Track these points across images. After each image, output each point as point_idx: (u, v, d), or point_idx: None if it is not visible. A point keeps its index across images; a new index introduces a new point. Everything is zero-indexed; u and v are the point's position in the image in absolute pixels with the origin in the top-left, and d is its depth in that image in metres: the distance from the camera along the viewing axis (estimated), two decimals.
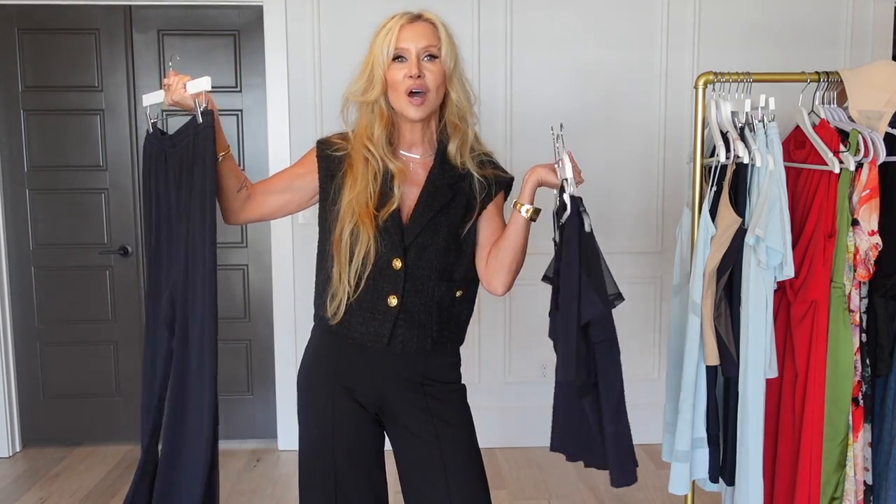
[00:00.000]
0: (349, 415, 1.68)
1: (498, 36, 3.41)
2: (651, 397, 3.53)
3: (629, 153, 3.51)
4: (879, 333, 2.00)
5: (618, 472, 1.60)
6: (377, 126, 1.63)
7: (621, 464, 1.60)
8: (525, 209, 1.60)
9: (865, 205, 1.92)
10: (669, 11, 3.43)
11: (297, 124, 3.40)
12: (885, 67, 2.04)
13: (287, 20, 3.36)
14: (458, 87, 1.64)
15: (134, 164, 3.52)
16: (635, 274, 3.55)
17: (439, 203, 1.64)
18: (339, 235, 1.61)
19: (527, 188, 1.61)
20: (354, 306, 1.63)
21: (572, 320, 1.57)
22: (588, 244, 1.57)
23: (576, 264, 1.56)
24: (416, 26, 1.59)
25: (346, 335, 1.66)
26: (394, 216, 1.61)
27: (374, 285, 1.62)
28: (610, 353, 1.60)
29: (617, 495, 3.09)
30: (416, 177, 1.67)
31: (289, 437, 3.57)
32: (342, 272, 1.61)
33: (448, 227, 1.64)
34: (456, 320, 1.71)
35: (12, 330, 3.55)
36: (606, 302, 1.59)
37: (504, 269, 1.64)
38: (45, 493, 3.13)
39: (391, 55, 1.58)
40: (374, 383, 1.67)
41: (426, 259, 1.63)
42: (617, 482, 1.60)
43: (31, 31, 3.42)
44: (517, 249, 1.63)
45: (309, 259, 3.44)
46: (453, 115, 1.65)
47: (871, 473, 2.06)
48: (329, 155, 1.68)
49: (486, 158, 1.73)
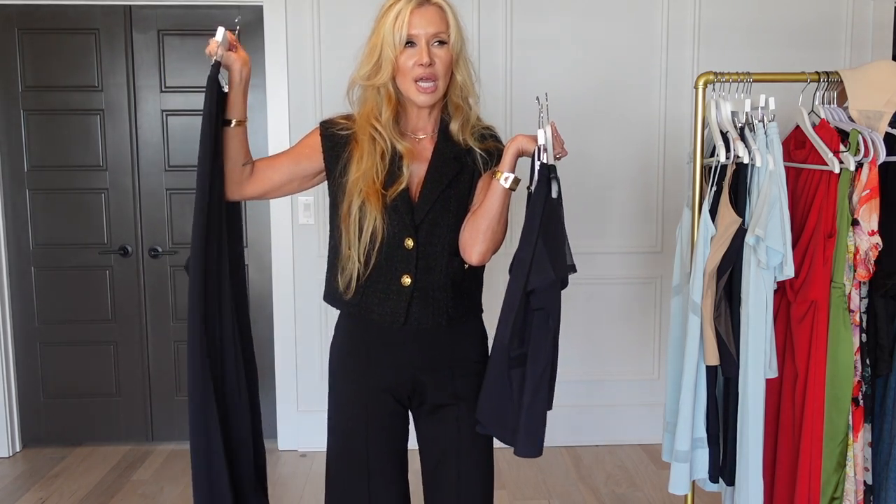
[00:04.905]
0: (383, 408, 1.70)
1: (498, 36, 3.41)
2: (651, 397, 3.53)
3: (629, 153, 3.51)
4: (879, 333, 2.00)
5: (523, 441, 1.59)
6: (385, 108, 1.63)
7: (528, 434, 1.59)
8: (504, 177, 1.59)
9: (865, 205, 1.92)
10: (669, 11, 3.43)
11: (297, 124, 3.40)
12: (885, 67, 2.04)
13: (287, 20, 3.36)
14: (463, 70, 1.64)
15: (134, 164, 3.52)
16: (635, 274, 3.55)
17: (447, 177, 1.64)
18: (348, 210, 1.62)
19: (507, 157, 1.60)
20: (370, 287, 1.64)
21: (519, 285, 1.57)
22: (552, 212, 1.57)
23: (535, 231, 1.56)
24: (426, 11, 1.58)
25: (365, 316, 1.67)
26: (403, 195, 1.61)
27: (387, 265, 1.63)
28: (546, 324, 1.59)
29: (617, 495, 3.09)
30: (424, 153, 1.67)
31: (289, 437, 3.57)
32: (351, 247, 1.62)
33: (457, 202, 1.65)
34: (468, 292, 1.72)
35: (12, 330, 3.55)
36: (558, 270, 1.56)
37: (479, 235, 1.61)
38: (45, 493, 3.13)
39: (403, 41, 1.57)
40: (405, 369, 1.69)
41: (438, 236, 1.63)
42: (521, 451, 1.60)
43: (31, 31, 3.42)
44: (493, 218, 1.60)
45: (309, 259, 3.47)
46: (457, 97, 1.66)
47: (871, 473, 2.06)
48: (334, 134, 1.68)
49: (487, 132, 1.73)
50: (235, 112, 1.64)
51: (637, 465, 3.38)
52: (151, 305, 3.60)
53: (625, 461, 3.42)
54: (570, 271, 1.60)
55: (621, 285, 3.53)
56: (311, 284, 3.48)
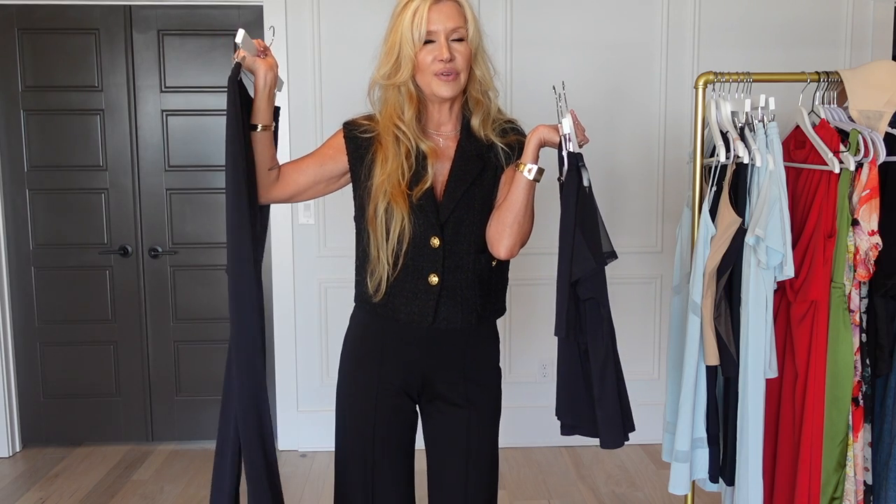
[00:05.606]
0: (391, 403, 1.70)
1: (498, 36, 3.40)
2: (651, 397, 3.53)
3: (629, 153, 3.51)
4: (879, 333, 2.00)
5: (605, 434, 1.61)
6: (407, 107, 1.62)
7: (606, 425, 1.60)
8: (528, 169, 1.59)
9: (865, 205, 1.92)
10: (669, 11, 3.43)
11: (297, 124, 3.40)
12: (885, 67, 2.04)
13: (287, 20, 3.36)
14: (481, 64, 1.64)
15: (134, 164, 3.52)
16: (635, 273, 3.56)
17: (471, 175, 1.64)
18: (374, 212, 1.62)
19: (529, 148, 1.61)
20: (397, 287, 1.64)
21: (564, 276, 1.57)
22: (585, 200, 1.57)
23: (571, 220, 1.56)
24: (443, 7, 1.57)
25: (391, 317, 1.67)
26: (427, 194, 1.61)
27: (413, 265, 1.63)
28: (597, 312, 1.59)
29: (617, 495, 3.10)
30: (447, 151, 1.67)
31: (288, 437, 3.57)
32: (380, 250, 1.62)
33: (482, 199, 1.65)
34: (495, 290, 1.72)
35: (12, 330, 3.55)
36: (599, 258, 1.56)
37: (506, 229, 1.61)
38: (45, 493, 3.13)
39: (422, 38, 1.56)
40: (418, 365, 1.69)
41: (463, 234, 1.63)
42: (603, 443, 1.62)
43: (31, 31, 3.41)
44: (519, 210, 1.60)
45: (309, 259, 3.47)
46: (476, 91, 1.65)
47: (871, 473, 2.06)
48: (357, 136, 1.68)
49: (509, 126, 1.72)
50: (260, 117, 1.64)
51: (637, 465, 3.38)
52: (151, 305, 3.60)
53: (625, 461, 3.42)
54: (611, 258, 1.59)
55: (621, 285, 3.53)
56: (311, 284, 3.48)
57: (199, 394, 3.63)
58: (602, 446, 1.63)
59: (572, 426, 1.71)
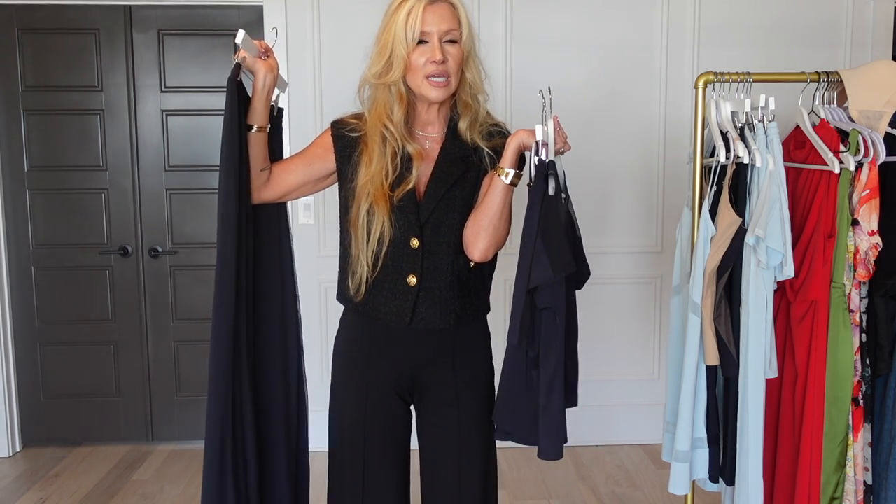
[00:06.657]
0: (383, 403, 1.71)
1: (497, 36, 3.41)
2: (651, 397, 3.53)
3: (629, 153, 3.51)
4: (879, 333, 2.00)
5: (544, 445, 1.60)
6: (397, 107, 1.62)
7: (547, 435, 1.60)
8: (505, 174, 1.58)
9: (865, 205, 1.92)
10: (669, 11, 3.43)
11: (297, 124, 3.40)
12: (885, 67, 2.04)
13: (287, 20, 3.36)
14: (473, 68, 1.64)
15: (134, 164, 3.52)
16: (635, 274, 3.55)
17: (453, 177, 1.64)
18: (356, 214, 1.62)
19: (508, 152, 1.60)
20: (377, 287, 1.64)
21: (523, 284, 1.56)
22: (550, 209, 1.56)
23: (534, 228, 1.55)
24: (438, 8, 1.57)
25: (371, 315, 1.67)
26: (409, 195, 1.61)
27: (393, 265, 1.63)
28: (553, 323, 1.58)
29: (617, 495, 3.09)
30: (432, 153, 1.67)
31: None
32: (360, 251, 1.62)
33: (463, 201, 1.65)
34: (475, 291, 1.71)
35: (12, 330, 3.55)
36: (557, 269, 1.54)
37: (480, 232, 1.60)
38: (45, 493, 3.13)
39: (416, 38, 1.56)
40: (406, 365, 1.69)
41: (443, 235, 1.63)
42: (542, 454, 1.61)
43: (31, 31, 3.42)
44: (494, 214, 1.59)
45: (309, 259, 3.47)
46: (466, 94, 1.65)
47: (871, 473, 2.06)
48: (344, 135, 1.68)
49: (495, 129, 1.72)
50: (256, 118, 1.64)
51: (637, 465, 3.38)
52: (151, 305, 3.60)
53: (625, 461, 3.42)
54: (575, 271, 1.59)
55: (621, 285, 3.53)
56: (311, 284, 3.48)
57: (199, 394, 3.62)
58: (540, 456, 1.61)
59: (508, 432, 1.69)
